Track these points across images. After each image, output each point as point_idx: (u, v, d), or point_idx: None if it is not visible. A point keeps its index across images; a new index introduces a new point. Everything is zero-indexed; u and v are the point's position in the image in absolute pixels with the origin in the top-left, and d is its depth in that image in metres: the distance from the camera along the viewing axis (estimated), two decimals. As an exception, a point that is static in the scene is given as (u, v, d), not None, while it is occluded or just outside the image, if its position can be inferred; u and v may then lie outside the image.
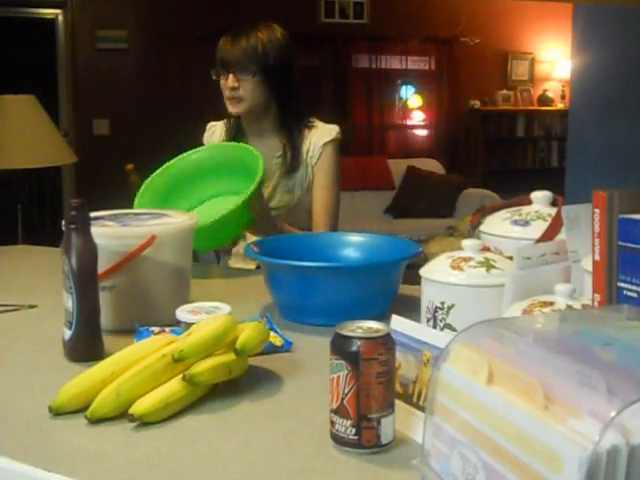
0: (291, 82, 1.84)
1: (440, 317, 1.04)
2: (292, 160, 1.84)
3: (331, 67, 6.31)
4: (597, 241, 0.87)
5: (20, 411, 0.91)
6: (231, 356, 0.93)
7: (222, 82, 1.80)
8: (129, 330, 1.14)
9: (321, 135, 1.86)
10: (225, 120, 1.95)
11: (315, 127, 1.87)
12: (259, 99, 1.80)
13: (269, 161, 1.84)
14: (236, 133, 1.91)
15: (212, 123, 2.02)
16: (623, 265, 0.83)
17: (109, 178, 4.40)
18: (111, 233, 1.20)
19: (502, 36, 6.72)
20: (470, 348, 0.65)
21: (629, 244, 0.82)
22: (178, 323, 1.10)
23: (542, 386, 0.57)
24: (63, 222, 1.07)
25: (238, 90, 1.78)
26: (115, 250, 1.18)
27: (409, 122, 6.83)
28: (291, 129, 1.85)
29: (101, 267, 1.11)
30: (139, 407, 0.86)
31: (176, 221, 1.28)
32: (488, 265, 1.04)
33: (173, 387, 0.89)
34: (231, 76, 1.77)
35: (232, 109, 1.82)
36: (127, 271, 1.19)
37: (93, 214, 1.20)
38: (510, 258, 1.06)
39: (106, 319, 1.12)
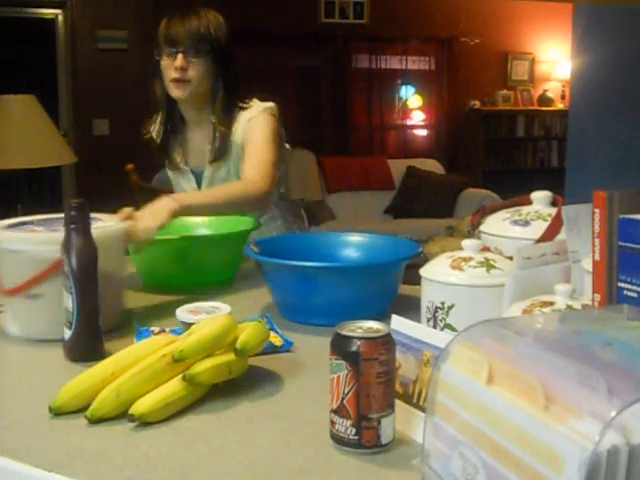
0: (235, 69, 1.78)
1: (440, 317, 1.04)
2: (220, 145, 1.75)
3: (331, 67, 6.32)
4: (597, 241, 0.87)
5: (20, 411, 0.91)
6: (231, 356, 0.93)
7: (166, 63, 1.71)
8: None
9: (248, 113, 1.76)
10: (161, 112, 1.83)
11: (247, 107, 1.78)
12: (206, 83, 1.73)
13: (205, 152, 1.80)
14: (174, 124, 1.82)
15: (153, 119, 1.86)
16: (623, 265, 0.83)
17: (109, 178, 4.40)
18: (39, 239, 1.15)
19: (502, 36, 6.72)
20: (470, 348, 0.65)
21: (629, 244, 0.82)
22: (178, 323, 1.10)
23: (542, 386, 0.57)
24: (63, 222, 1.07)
25: (187, 71, 1.69)
26: (42, 257, 1.12)
27: (409, 122, 6.84)
28: (233, 117, 1.76)
29: (27, 275, 1.10)
30: (139, 407, 0.86)
31: (106, 225, 1.22)
32: (488, 265, 1.04)
33: (173, 387, 0.89)
34: (180, 56, 1.68)
35: (177, 92, 1.72)
36: (57, 278, 1.10)
37: (19, 219, 1.21)
38: (510, 258, 1.06)
39: (31, 328, 1.12)
